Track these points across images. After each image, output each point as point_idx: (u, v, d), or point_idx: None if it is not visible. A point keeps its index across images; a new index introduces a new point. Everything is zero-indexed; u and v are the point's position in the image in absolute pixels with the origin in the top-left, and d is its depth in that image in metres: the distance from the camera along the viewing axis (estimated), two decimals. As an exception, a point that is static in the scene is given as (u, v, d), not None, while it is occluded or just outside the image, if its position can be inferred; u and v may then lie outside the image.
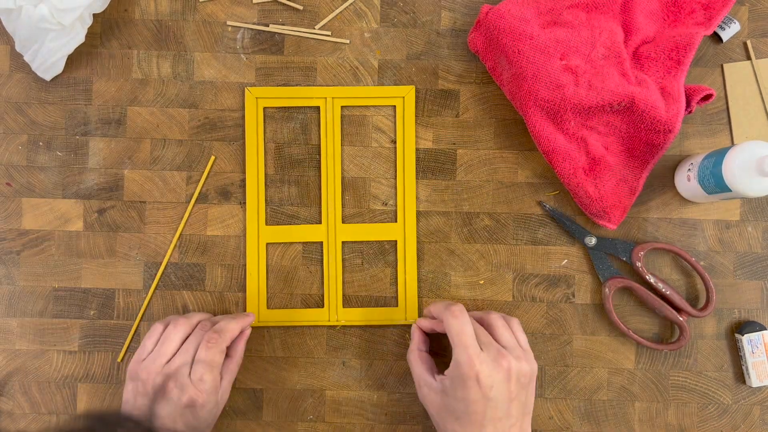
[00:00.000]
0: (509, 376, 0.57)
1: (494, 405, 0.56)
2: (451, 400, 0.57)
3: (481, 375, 0.56)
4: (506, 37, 0.65)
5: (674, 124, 0.64)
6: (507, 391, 0.56)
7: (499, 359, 0.57)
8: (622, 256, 0.69)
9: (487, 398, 0.56)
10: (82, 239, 0.70)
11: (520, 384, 0.57)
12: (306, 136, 0.70)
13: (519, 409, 0.57)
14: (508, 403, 0.56)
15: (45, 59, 0.66)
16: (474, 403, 0.56)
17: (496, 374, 0.56)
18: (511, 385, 0.57)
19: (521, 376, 0.57)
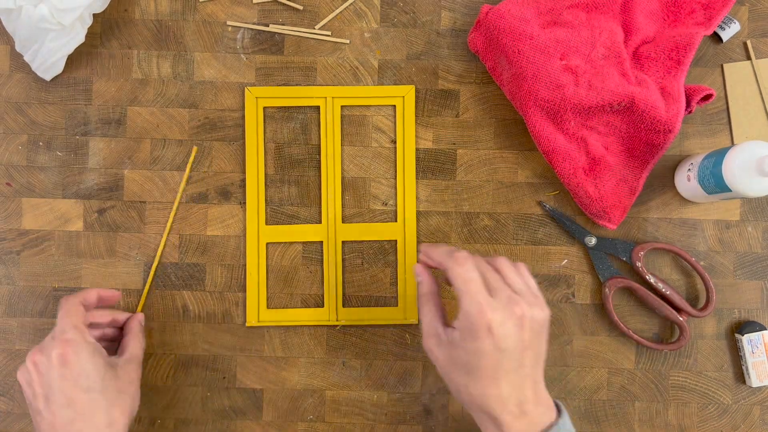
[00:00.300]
0: (522, 324, 0.52)
1: (508, 356, 0.51)
2: (461, 353, 0.52)
3: (494, 324, 0.51)
4: (506, 37, 0.65)
5: (674, 124, 0.64)
6: (520, 340, 0.52)
7: (511, 306, 0.52)
8: (622, 256, 0.69)
9: (500, 349, 0.51)
10: (82, 239, 0.70)
11: (534, 332, 0.53)
12: (306, 136, 0.70)
13: (533, 358, 0.53)
14: (521, 353, 0.52)
15: (45, 59, 0.66)
16: (486, 355, 0.51)
17: (509, 322, 0.51)
18: (525, 334, 0.52)
19: (534, 323, 0.53)
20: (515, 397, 0.52)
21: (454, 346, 0.53)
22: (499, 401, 0.52)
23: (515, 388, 0.52)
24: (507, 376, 0.52)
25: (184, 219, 0.70)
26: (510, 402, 0.52)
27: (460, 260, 0.54)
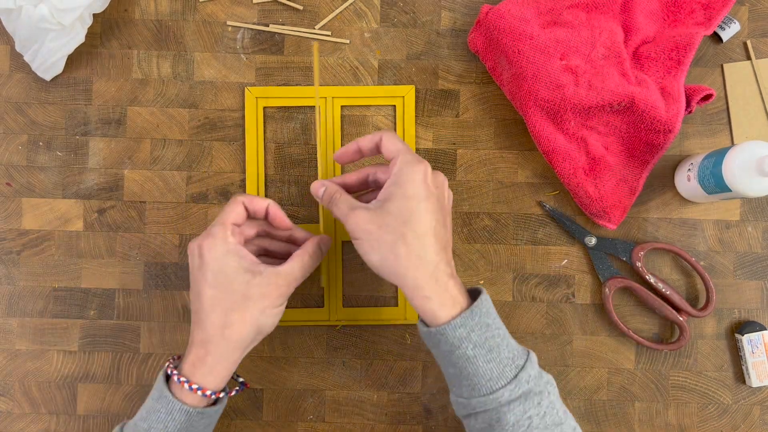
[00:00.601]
0: (444, 184, 0.57)
1: (439, 208, 0.55)
2: (399, 201, 0.54)
3: (429, 172, 0.55)
4: (506, 37, 0.65)
5: (674, 124, 0.64)
6: (444, 198, 0.57)
7: (437, 172, 0.57)
8: (622, 256, 0.69)
9: (435, 197, 0.55)
10: (82, 239, 0.70)
11: (451, 200, 0.59)
12: (306, 136, 0.70)
13: (450, 226, 0.58)
14: (445, 213, 0.56)
15: (45, 59, 0.66)
16: (425, 200, 0.54)
17: (438, 178, 0.56)
18: (446, 194, 0.57)
19: (449, 192, 0.59)
20: (445, 255, 0.55)
21: (389, 200, 0.55)
22: (435, 252, 0.54)
23: (443, 246, 0.55)
24: (438, 228, 0.55)
25: (184, 219, 0.70)
26: (442, 257, 0.54)
27: (391, 130, 0.59)
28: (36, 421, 0.70)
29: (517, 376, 0.53)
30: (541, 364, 0.70)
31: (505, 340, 0.54)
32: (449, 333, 0.53)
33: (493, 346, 0.53)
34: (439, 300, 0.53)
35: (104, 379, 0.70)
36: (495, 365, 0.53)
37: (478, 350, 0.53)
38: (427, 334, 0.55)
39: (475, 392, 0.53)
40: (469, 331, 0.53)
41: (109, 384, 0.70)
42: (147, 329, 0.70)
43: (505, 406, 0.52)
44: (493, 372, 0.53)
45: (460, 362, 0.53)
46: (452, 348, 0.53)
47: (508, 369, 0.53)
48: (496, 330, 0.54)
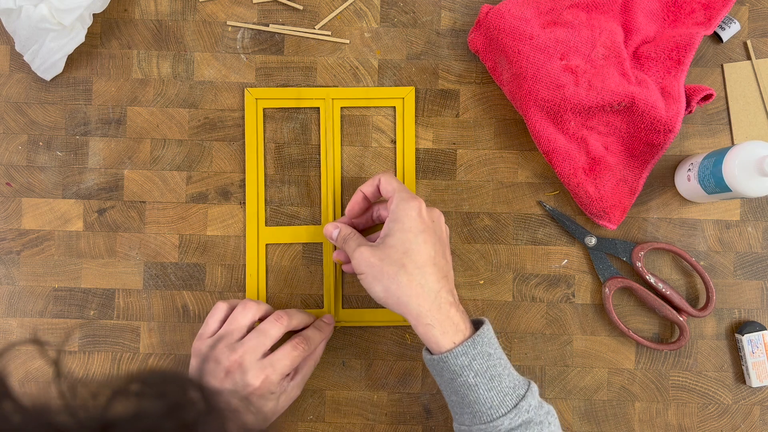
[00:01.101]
0: (441, 219, 0.61)
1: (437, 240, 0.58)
2: (398, 235, 0.57)
3: (423, 207, 0.58)
4: (506, 37, 0.65)
5: (674, 124, 0.64)
6: (441, 231, 0.60)
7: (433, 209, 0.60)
8: (622, 256, 0.69)
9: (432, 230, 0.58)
10: (82, 239, 0.70)
11: (447, 233, 0.62)
12: (306, 136, 0.70)
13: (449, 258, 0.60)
14: (444, 246, 0.59)
15: (45, 59, 0.66)
16: (422, 232, 0.57)
17: (431, 211, 0.59)
18: (442, 227, 0.60)
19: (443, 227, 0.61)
20: (447, 284, 0.57)
21: (389, 235, 0.57)
22: (436, 280, 0.56)
23: (444, 275, 0.57)
24: (438, 259, 0.57)
25: (184, 219, 0.70)
26: (444, 285, 0.56)
27: (389, 171, 0.63)
28: (36, 421, 0.70)
29: (518, 405, 0.54)
30: (541, 364, 0.70)
31: (507, 370, 0.56)
32: (451, 361, 0.54)
33: (494, 375, 0.54)
34: (441, 327, 0.55)
35: (104, 379, 0.70)
36: (496, 393, 0.54)
37: (479, 378, 0.54)
38: (430, 361, 0.56)
39: (477, 419, 0.54)
40: (471, 360, 0.54)
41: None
42: (147, 329, 0.70)
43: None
44: (494, 400, 0.54)
45: (462, 390, 0.55)
46: (454, 376, 0.54)
47: (509, 398, 0.54)
48: (498, 360, 0.55)
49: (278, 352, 0.60)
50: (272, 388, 0.60)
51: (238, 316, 0.61)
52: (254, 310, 0.62)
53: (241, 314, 0.61)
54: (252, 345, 0.60)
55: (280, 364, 0.60)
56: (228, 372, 0.58)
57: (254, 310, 0.62)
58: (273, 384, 0.59)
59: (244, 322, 0.61)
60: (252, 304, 0.62)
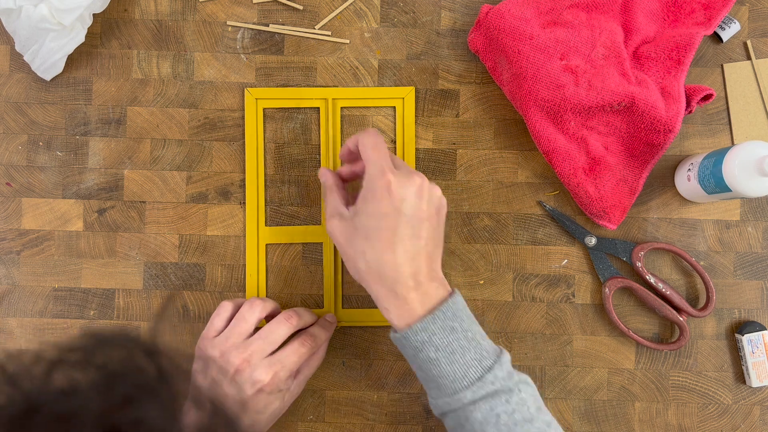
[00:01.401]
0: (421, 193, 0.55)
1: (405, 221, 0.54)
2: (362, 218, 0.55)
3: (393, 185, 0.54)
4: (506, 37, 0.65)
5: (674, 124, 0.64)
6: (418, 208, 0.55)
7: (411, 175, 0.56)
8: (622, 256, 0.69)
9: (399, 211, 0.54)
10: (82, 239, 0.70)
11: (431, 205, 0.56)
12: (306, 136, 0.70)
13: (429, 232, 0.56)
14: (418, 223, 0.55)
15: (45, 59, 0.66)
16: (385, 217, 0.54)
17: (408, 187, 0.55)
18: (423, 204, 0.55)
19: (433, 197, 0.57)
20: (410, 267, 0.55)
21: (357, 214, 0.56)
22: (394, 268, 0.54)
23: (410, 257, 0.55)
24: (403, 243, 0.54)
25: (184, 219, 0.70)
26: (404, 270, 0.54)
27: (370, 131, 0.58)
28: (36, 421, 0.70)
29: (483, 377, 0.53)
30: (541, 363, 0.70)
31: (473, 342, 0.55)
32: (411, 337, 0.54)
33: (456, 349, 0.54)
34: (396, 312, 0.55)
35: (104, 379, 0.70)
36: (458, 367, 0.54)
37: (440, 353, 0.54)
38: (393, 339, 0.57)
39: (441, 392, 0.55)
40: (431, 335, 0.54)
41: (109, 384, 0.70)
42: (147, 329, 0.70)
43: (471, 405, 0.53)
44: (456, 373, 0.54)
45: (425, 365, 0.55)
46: (416, 351, 0.55)
47: (473, 370, 0.54)
48: (463, 333, 0.55)
49: (286, 349, 0.61)
50: (281, 385, 0.60)
51: (246, 314, 0.61)
52: (260, 309, 0.62)
53: (248, 312, 0.61)
54: (261, 344, 0.60)
55: (289, 361, 0.60)
56: (237, 371, 0.59)
57: (260, 308, 0.62)
58: (282, 381, 0.60)
59: (251, 321, 0.61)
60: (258, 303, 0.62)
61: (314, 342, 0.62)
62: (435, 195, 0.57)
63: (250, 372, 0.58)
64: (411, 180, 0.55)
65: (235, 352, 0.59)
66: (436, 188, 0.57)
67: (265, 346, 0.60)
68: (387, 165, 0.56)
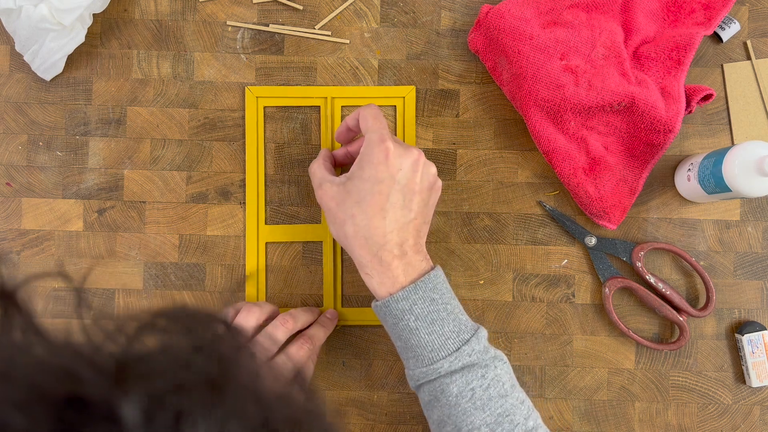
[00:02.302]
0: (417, 166, 0.57)
1: (398, 190, 0.55)
2: (357, 181, 0.56)
3: (391, 152, 0.56)
4: (506, 37, 0.65)
5: (674, 124, 0.64)
6: (412, 179, 0.56)
7: (409, 148, 0.57)
8: (622, 256, 0.69)
9: (393, 179, 0.55)
10: (82, 239, 0.70)
11: (425, 181, 0.57)
12: (306, 136, 0.70)
13: (420, 206, 0.57)
14: (411, 195, 0.56)
15: (45, 59, 0.66)
16: (380, 182, 0.55)
17: (406, 158, 0.56)
18: (417, 176, 0.56)
19: (428, 173, 0.58)
20: (397, 236, 0.56)
21: (351, 179, 0.57)
22: (382, 234, 0.55)
23: (399, 227, 0.56)
24: (394, 210, 0.55)
25: (184, 219, 0.70)
26: (391, 238, 0.55)
27: (371, 105, 0.59)
28: (36, 421, 0.70)
29: (460, 349, 0.54)
30: (541, 364, 0.70)
31: (452, 315, 0.56)
32: (392, 305, 0.55)
33: (435, 320, 0.55)
34: (379, 278, 0.56)
35: (104, 379, 0.70)
36: (437, 337, 0.55)
37: (420, 322, 0.55)
38: (375, 308, 0.57)
39: (419, 363, 0.55)
40: (412, 305, 0.55)
41: (109, 384, 0.70)
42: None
43: (447, 377, 0.54)
44: (434, 343, 0.55)
45: (404, 334, 0.56)
46: (396, 320, 0.56)
47: (451, 341, 0.55)
48: (443, 305, 0.56)
49: (282, 355, 0.61)
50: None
51: (241, 320, 0.61)
52: (257, 314, 0.62)
53: (244, 319, 0.62)
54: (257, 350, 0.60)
55: (285, 368, 0.60)
56: None
57: (257, 314, 0.62)
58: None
59: (248, 327, 0.61)
60: (255, 309, 0.62)
61: (312, 344, 0.62)
62: (430, 172, 0.58)
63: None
64: (409, 152, 0.57)
65: None
66: (432, 166, 0.58)
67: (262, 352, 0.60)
68: (387, 133, 0.57)
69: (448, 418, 0.54)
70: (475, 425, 0.53)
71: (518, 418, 0.54)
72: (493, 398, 0.54)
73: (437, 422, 0.56)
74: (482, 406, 0.54)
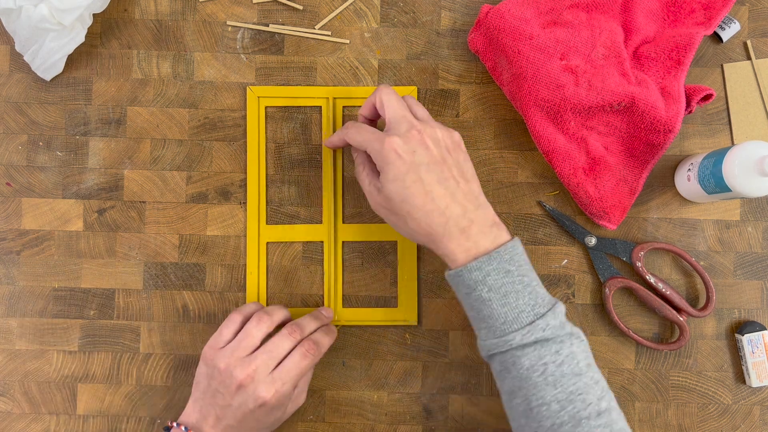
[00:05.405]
0: (424, 142, 0.57)
1: (425, 169, 0.56)
2: (388, 185, 0.57)
3: (397, 145, 0.57)
4: (506, 37, 0.65)
5: (674, 124, 0.64)
6: (430, 155, 0.57)
7: (408, 129, 0.58)
8: (622, 256, 0.69)
9: (415, 164, 0.56)
10: (82, 239, 0.70)
11: (440, 147, 0.58)
12: (306, 136, 0.70)
13: (456, 170, 0.58)
14: (439, 166, 0.57)
15: (45, 59, 0.66)
16: (406, 174, 0.56)
17: (410, 140, 0.57)
18: (432, 150, 0.57)
19: (436, 137, 0.58)
20: (456, 207, 0.56)
21: (383, 186, 0.58)
22: (440, 213, 0.56)
23: (451, 199, 0.56)
24: (434, 188, 0.56)
25: (184, 219, 0.70)
26: (452, 211, 0.56)
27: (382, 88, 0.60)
28: (36, 421, 0.70)
29: (534, 322, 0.54)
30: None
31: (528, 288, 0.55)
32: (465, 275, 0.55)
33: (509, 291, 0.55)
34: (452, 255, 0.56)
35: (104, 379, 0.70)
36: (510, 309, 0.54)
37: (492, 294, 0.54)
38: (448, 276, 0.57)
39: (491, 334, 0.55)
40: (485, 275, 0.54)
41: (109, 384, 0.70)
42: (147, 329, 0.70)
43: (519, 350, 0.54)
44: (507, 315, 0.54)
45: (477, 304, 0.56)
46: (469, 290, 0.55)
47: (525, 315, 0.54)
48: (519, 277, 0.55)
49: (287, 363, 0.60)
50: (283, 400, 0.60)
51: (253, 330, 0.61)
52: (267, 324, 0.62)
53: (255, 328, 0.61)
54: (264, 359, 0.60)
55: (291, 376, 0.60)
56: (241, 386, 0.59)
57: (267, 324, 0.62)
58: (284, 396, 0.60)
59: (258, 336, 0.61)
60: (265, 318, 0.62)
61: (318, 350, 0.62)
62: (437, 136, 0.58)
63: (254, 388, 0.59)
64: (409, 132, 0.57)
65: (239, 367, 0.59)
66: (435, 128, 0.59)
67: (269, 362, 0.60)
68: (391, 125, 0.58)
69: (518, 390, 0.54)
70: (545, 400, 0.53)
71: (591, 398, 0.53)
72: (566, 375, 0.53)
73: (508, 392, 0.56)
74: (554, 382, 0.53)
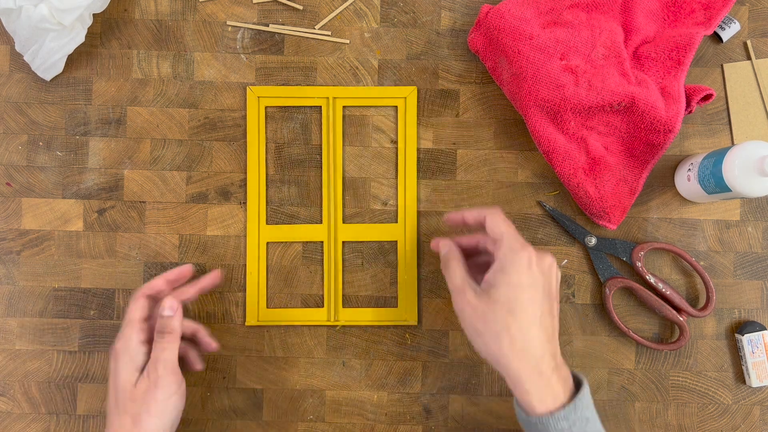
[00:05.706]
0: (552, 270, 0.56)
1: (544, 296, 0.55)
2: (503, 289, 0.54)
3: (533, 259, 0.55)
4: (506, 37, 0.65)
5: (674, 124, 0.64)
6: (551, 285, 0.56)
7: (544, 254, 0.56)
8: (622, 256, 0.69)
9: (539, 286, 0.55)
10: (82, 239, 0.70)
11: (558, 286, 0.58)
12: (306, 136, 0.70)
13: (556, 312, 0.57)
14: (552, 301, 0.56)
15: (45, 59, 0.66)
16: (528, 288, 0.54)
17: (543, 265, 0.56)
18: (554, 281, 0.56)
19: (559, 277, 0.58)
20: (550, 345, 0.54)
21: (494, 287, 0.55)
22: (540, 344, 0.54)
23: (550, 335, 0.54)
24: (544, 318, 0.54)
25: (184, 219, 0.70)
26: (548, 349, 0.54)
27: (498, 210, 0.59)
28: (36, 421, 0.70)
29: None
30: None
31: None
32: (552, 425, 0.53)
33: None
34: (539, 395, 0.53)
35: (104, 379, 0.70)
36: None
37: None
38: (526, 421, 0.55)
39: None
40: (571, 425, 0.53)
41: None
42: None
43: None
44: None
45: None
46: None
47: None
48: (594, 422, 0.55)
49: (152, 368, 0.60)
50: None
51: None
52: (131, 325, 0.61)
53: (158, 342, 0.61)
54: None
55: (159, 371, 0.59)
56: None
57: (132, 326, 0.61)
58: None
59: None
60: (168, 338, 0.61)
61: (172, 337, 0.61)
62: (559, 276, 0.58)
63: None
64: (544, 256, 0.56)
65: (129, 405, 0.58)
66: (558, 270, 0.58)
67: None
68: (524, 241, 0.56)
69: None
70: None
71: None
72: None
73: None
74: None
